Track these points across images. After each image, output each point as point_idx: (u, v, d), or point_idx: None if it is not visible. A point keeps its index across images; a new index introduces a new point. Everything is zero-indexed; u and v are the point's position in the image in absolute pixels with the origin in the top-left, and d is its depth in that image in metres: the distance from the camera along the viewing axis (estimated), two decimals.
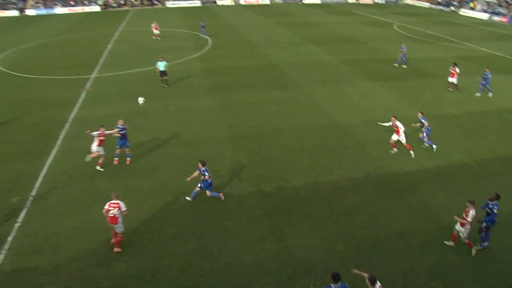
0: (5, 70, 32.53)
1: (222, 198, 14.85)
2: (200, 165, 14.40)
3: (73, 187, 15.74)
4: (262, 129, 20.51)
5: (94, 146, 16.65)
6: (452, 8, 71.59)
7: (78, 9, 78.33)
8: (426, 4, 78.17)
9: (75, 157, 17.89)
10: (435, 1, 77.07)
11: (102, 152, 16.75)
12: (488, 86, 25.68)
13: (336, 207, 14.39)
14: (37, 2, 79.83)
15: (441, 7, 73.88)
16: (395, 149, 18.17)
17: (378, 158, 17.79)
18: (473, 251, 12.24)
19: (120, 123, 17.17)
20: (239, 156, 17.83)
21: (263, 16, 61.93)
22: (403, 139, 17.80)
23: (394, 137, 17.97)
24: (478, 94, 25.78)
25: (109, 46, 40.82)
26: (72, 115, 22.63)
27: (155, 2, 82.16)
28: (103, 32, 49.45)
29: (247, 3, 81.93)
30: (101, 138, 16.66)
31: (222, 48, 38.72)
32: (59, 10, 77.63)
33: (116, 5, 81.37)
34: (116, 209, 12.25)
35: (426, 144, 18.61)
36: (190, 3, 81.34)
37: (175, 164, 17.21)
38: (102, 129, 16.67)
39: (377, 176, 16.34)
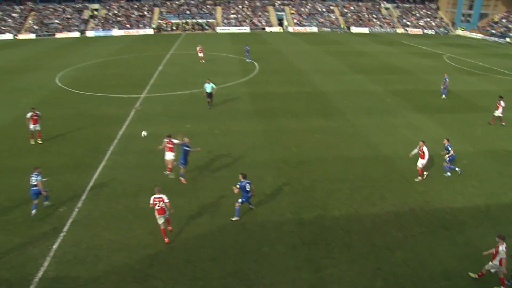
0: (64, 87, 34.44)
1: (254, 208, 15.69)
2: (240, 177, 14.75)
3: (116, 202, 16.18)
4: (305, 157, 20.38)
5: (169, 155, 17.67)
6: (508, 39, 69.22)
7: (133, 31, 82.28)
8: (479, 36, 76.02)
9: (120, 173, 18.46)
10: (489, 33, 74.90)
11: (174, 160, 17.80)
12: None
13: (376, 241, 13.92)
14: (96, 25, 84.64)
15: (496, 39, 71.63)
16: (419, 178, 18.13)
17: (423, 192, 17.16)
18: None
19: (186, 140, 17.66)
20: (280, 182, 17.75)
21: (310, 43, 62.43)
22: (422, 163, 17.90)
23: (420, 163, 17.98)
24: None
25: (160, 67, 42.40)
26: (120, 132, 23.50)
27: (206, 27, 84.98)
28: (155, 54, 51.48)
29: (295, 31, 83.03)
30: (169, 145, 17.68)
31: (269, 74, 39.22)
32: (116, 32, 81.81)
33: (169, 29, 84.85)
34: (161, 202, 13.54)
35: (448, 173, 18.57)
36: (239, 29, 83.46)
37: (216, 186, 17.36)
38: (169, 138, 17.93)
39: (421, 212, 15.73)
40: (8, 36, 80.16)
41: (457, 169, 18.69)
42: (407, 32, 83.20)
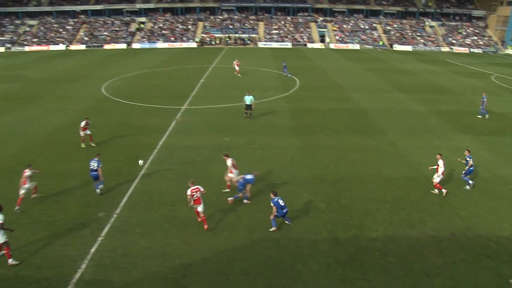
0: (109, 96, 35.77)
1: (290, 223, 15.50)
2: (272, 195, 14.92)
3: (153, 210, 16.50)
4: (343, 175, 20.09)
5: (232, 174, 17.56)
6: None
7: (177, 44, 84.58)
8: None
9: (158, 182, 18.84)
10: None
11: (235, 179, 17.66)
12: None
13: (414, 266, 13.44)
14: (142, 37, 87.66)
15: None
16: (442, 190, 18.22)
17: (466, 217, 16.46)
18: None
19: (256, 174, 17.45)
20: (317, 200, 17.55)
21: (352, 60, 61.99)
22: (437, 178, 18.06)
23: (436, 178, 18.18)
24: None
25: (202, 80, 43.28)
26: (161, 142, 24.05)
27: (248, 42, 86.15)
28: (198, 67, 52.65)
29: (337, 48, 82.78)
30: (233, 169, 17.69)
31: (309, 90, 39.17)
32: (160, 44, 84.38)
33: (212, 43, 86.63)
34: (198, 192, 15.04)
35: (467, 187, 18.72)
36: (280, 45, 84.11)
37: (253, 200, 17.37)
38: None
39: (463, 237, 15.07)
40: (61, 47, 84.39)
41: (470, 182, 18.74)
42: (453, 51, 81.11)
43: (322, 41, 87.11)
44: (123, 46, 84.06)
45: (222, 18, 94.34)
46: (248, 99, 28.41)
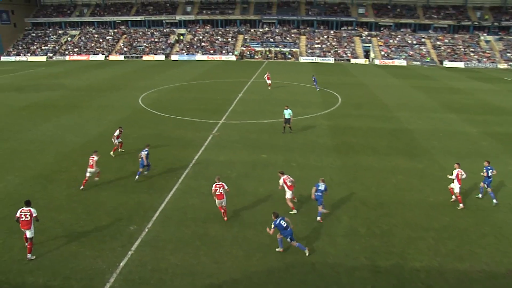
0: (145, 107, 36.79)
1: (307, 253, 14.85)
2: (273, 217, 14.81)
3: (185, 226, 16.64)
4: (385, 198, 19.61)
5: (288, 194, 17.84)
6: None
7: (216, 57, 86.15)
8: None
9: (192, 198, 19.04)
10: None
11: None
12: None
13: None
14: (181, 49, 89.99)
15: None
16: (461, 205, 18.77)
17: None
18: None
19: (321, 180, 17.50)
20: (357, 224, 17.18)
21: (398, 77, 61.04)
22: (458, 187, 18.79)
23: (456, 188, 18.82)
24: None
25: (240, 94, 43.78)
26: (196, 157, 24.39)
27: (289, 56, 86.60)
28: (236, 81, 53.38)
29: (382, 63, 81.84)
30: (288, 184, 17.87)
31: (351, 107, 38.80)
32: (199, 57, 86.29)
33: (253, 56, 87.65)
34: (222, 188, 16.72)
35: (494, 201, 19.15)
36: (323, 60, 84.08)
37: (290, 220, 17.20)
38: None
39: None
40: (100, 57, 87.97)
41: (480, 195, 19.70)
42: (511, 68, 78.29)
43: (367, 56, 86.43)
44: (161, 57, 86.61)
45: (263, 31, 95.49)
46: (287, 113, 28.97)
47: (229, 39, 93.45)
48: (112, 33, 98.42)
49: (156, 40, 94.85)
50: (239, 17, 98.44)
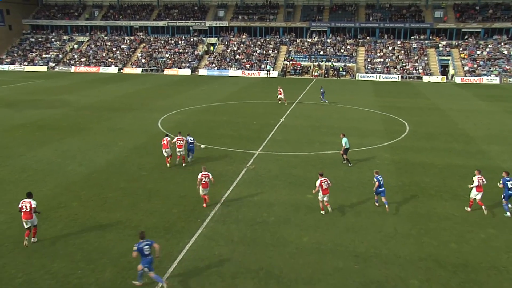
0: (166, 132, 37.35)
1: (165, 287, 15.87)
2: (139, 238, 15.83)
3: (210, 283, 16.41)
4: (469, 258, 18.77)
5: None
6: None
7: (253, 73, 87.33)
8: None
9: (219, 246, 18.86)
10: None
11: None
12: None
13: None
14: (211, 62, 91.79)
15: None
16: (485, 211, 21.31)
17: None
18: None
19: None
20: None
21: (487, 100, 59.75)
22: (476, 194, 21.86)
23: (478, 196, 21.85)
24: None
25: (282, 119, 43.90)
26: (226, 194, 24.35)
27: (343, 72, 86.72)
28: (277, 103, 53.60)
29: (464, 82, 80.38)
30: None
31: (422, 137, 38.09)
32: (233, 72, 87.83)
33: (296, 73, 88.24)
34: (207, 177, 22.36)
35: (508, 213, 21.86)
36: (386, 77, 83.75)
37: (339, 280, 16.72)
38: None
39: None
40: (113, 69, 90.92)
41: (508, 212, 22.11)
42: None
43: (444, 73, 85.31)
44: (187, 72, 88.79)
45: (311, 42, 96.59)
46: (342, 142, 30.01)
47: (270, 51, 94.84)
48: (128, 41, 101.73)
49: (181, 50, 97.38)
50: (282, 24, 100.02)
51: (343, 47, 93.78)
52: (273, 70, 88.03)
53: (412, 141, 37.08)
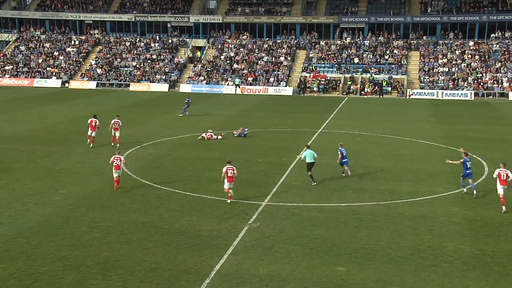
0: (131, 174, 37.22)
1: None
2: None
3: None
4: None
5: None
6: None
7: (259, 88, 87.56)
8: None
9: None
10: None
11: None
12: None
13: None
14: (197, 74, 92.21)
15: None
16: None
17: None
18: None
19: None
20: None
21: None
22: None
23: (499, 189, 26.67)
24: None
25: (298, 156, 43.69)
26: (217, 266, 23.97)
27: (387, 88, 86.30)
28: (292, 132, 53.81)
29: None
30: None
31: (509, 184, 37.73)
32: (229, 88, 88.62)
33: (320, 90, 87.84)
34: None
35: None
36: (452, 94, 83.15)
37: None
38: None
39: None
40: (54, 83, 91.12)
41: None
42: None
43: None
44: (163, 87, 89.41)
45: (341, 45, 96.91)
46: (307, 155, 35.54)
47: (282, 58, 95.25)
48: (77, 42, 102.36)
49: (154, 57, 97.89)
50: (299, 19, 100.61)
51: (388, 52, 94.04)
52: (285, 85, 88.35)
53: (493, 188, 36.75)
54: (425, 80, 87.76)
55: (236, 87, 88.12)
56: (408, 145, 49.17)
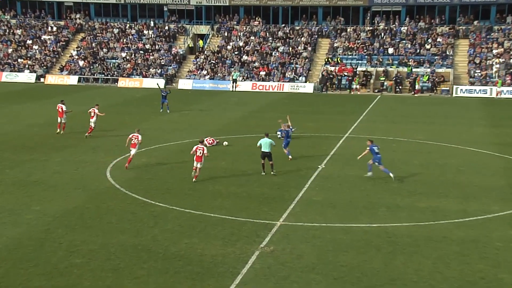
0: (119, 188, 37.31)
1: None
2: None
3: None
4: None
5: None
6: None
7: (272, 85, 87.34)
8: None
9: None
10: None
11: None
12: None
13: None
14: (199, 68, 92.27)
15: None
16: None
17: None
18: None
19: None
20: None
21: None
22: None
23: None
24: None
25: (320, 166, 43.74)
26: None
27: (427, 84, 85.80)
28: (312, 137, 53.96)
29: None
30: None
31: None
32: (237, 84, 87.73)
33: (348, 87, 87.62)
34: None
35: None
36: (509, 92, 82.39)
37: None
38: None
39: None
40: (27, 77, 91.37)
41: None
42: None
43: None
44: (157, 82, 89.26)
45: (372, 31, 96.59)
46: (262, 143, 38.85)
47: (300, 48, 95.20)
48: (55, 29, 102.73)
49: (147, 47, 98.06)
50: (322, 1, 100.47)
51: (430, 41, 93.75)
52: (305, 81, 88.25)
53: None
54: (475, 74, 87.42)
55: (233, 83, 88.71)
56: (454, 154, 49.04)
